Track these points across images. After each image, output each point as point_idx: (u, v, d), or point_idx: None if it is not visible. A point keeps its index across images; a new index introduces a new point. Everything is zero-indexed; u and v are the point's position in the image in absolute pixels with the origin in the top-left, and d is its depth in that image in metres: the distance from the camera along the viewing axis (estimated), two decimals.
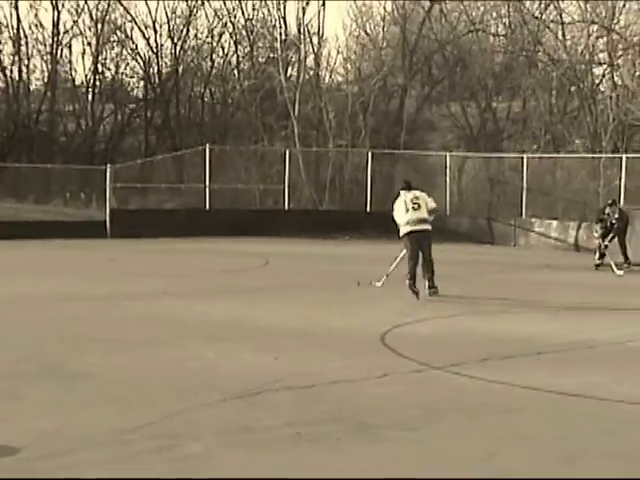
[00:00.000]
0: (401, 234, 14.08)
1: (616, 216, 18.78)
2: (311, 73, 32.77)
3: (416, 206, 13.83)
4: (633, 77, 27.60)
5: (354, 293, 14.00)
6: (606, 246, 18.82)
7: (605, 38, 29.86)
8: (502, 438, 6.25)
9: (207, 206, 26.61)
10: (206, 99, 37.43)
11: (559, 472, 5.59)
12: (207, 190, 26.62)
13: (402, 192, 14.22)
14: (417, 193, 14.15)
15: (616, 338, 10.21)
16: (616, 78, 29.32)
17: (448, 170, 28.35)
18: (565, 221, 24.87)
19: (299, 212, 27.94)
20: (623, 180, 23.99)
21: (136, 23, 36.20)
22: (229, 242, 22.83)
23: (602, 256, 18.90)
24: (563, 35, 30.46)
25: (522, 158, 26.59)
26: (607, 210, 18.93)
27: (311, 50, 32.59)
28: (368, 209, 28.20)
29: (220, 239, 23.30)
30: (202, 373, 8.02)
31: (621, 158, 24.48)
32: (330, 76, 34.03)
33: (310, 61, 32.79)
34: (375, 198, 28.64)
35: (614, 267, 18.17)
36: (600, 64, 30.82)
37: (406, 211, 13.82)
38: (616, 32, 29.51)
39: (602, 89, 30.66)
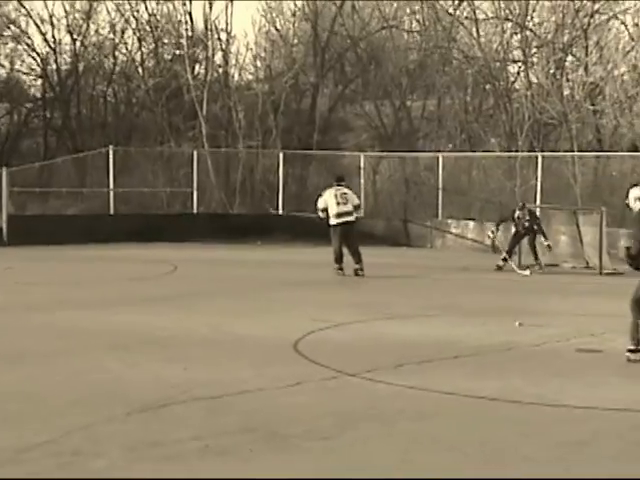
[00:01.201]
0: (331, 223, 17.33)
1: (527, 218, 19.22)
2: (219, 71, 32.61)
3: (345, 201, 17.23)
4: (547, 75, 28.13)
5: (266, 299, 14.00)
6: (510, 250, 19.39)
7: (519, 35, 30.39)
8: (418, 444, 6.32)
9: (112, 211, 26.31)
10: (109, 98, 36.93)
11: (476, 477, 5.68)
12: (111, 194, 26.32)
13: (334, 184, 17.57)
14: (345, 190, 17.59)
15: (532, 340, 10.41)
16: (531, 76, 29.85)
17: (362, 171, 28.52)
18: (482, 222, 25.24)
19: (208, 216, 27.81)
20: (539, 179, 24.46)
21: (31, 17, 35.53)
22: (135, 248, 22.60)
23: (507, 257, 19.38)
24: (477, 32, 30.88)
25: (438, 157, 26.91)
26: (517, 213, 19.34)
27: (219, 47, 32.45)
28: (280, 212, 28.23)
29: (126, 245, 23.05)
30: (106, 385, 7.94)
31: (537, 157, 24.96)
32: (239, 74, 33.92)
33: (218, 59, 32.65)
34: (287, 201, 28.68)
35: (516, 268, 18.90)
36: (515, 62, 31.34)
37: (337, 204, 17.18)
38: (530, 29, 30.07)
39: (517, 87, 31.18)
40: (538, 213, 20.71)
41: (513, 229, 19.59)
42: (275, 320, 11.81)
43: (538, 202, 22.85)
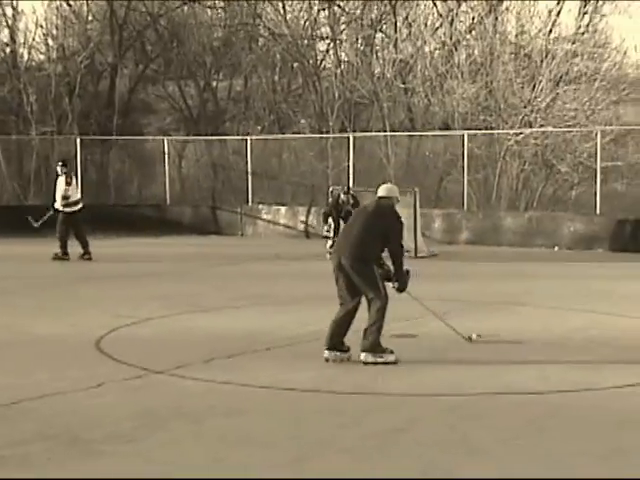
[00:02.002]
0: (60, 210, 18.72)
1: (352, 202, 19.44)
2: (6, 50, 31.64)
3: (75, 189, 19.09)
4: (357, 52, 28.68)
5: (65, 296, 13.74)
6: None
7: (327, 11, 30.81)
8: (230, 442, 6.36)
9: None
10: None
11: (289, 473, 5.76)
12: None
13: (61, 169, 19.07)
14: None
15: None
16: (340, 54, 30.34)
17: (167, 156, 28.35)
18: (294, 206, 25.55)
19: (1, 208, 27.01)
20: (352, 160, 24.93)
21: None
22: None
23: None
24: (284, 8, 31.11)
25: (246, 140, 27.02)
26: (342, 197, 19.47)
27: (4, 23, 31.44)
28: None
29: None
30: None
31: (349, 137, 25.44)
32: (29, 53, 32.95)
33: (4, 36, 31.65)
34: (87, 189, 28.08)
35: None
36: (323, 39, 31.78)
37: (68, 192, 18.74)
38: (338, 5, 30.54)
39: (327, 65, 31.61)
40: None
41: (329, 220, 19.65)
42: (75, 318, 11.59)
43: (351, 184, 23.27)
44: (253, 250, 21.17)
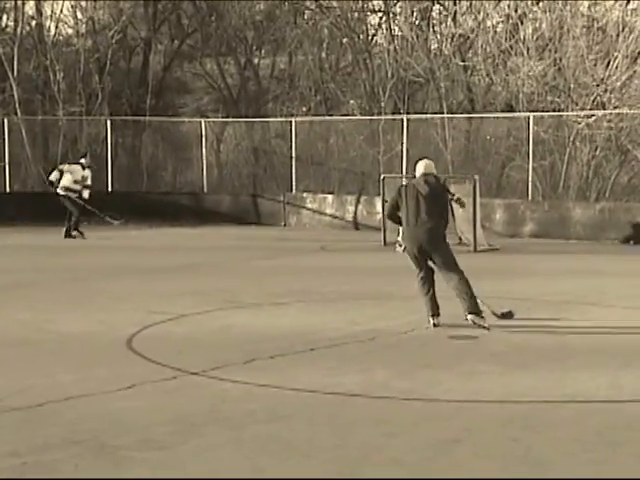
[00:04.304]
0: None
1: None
2: (32, 24, 31.93)
3: None
4: (412, 27, 28.56)
5: (94, 290, 13.85)
6: None
7: None
8: (271, 450, 6.36)
9: None
10: None
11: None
12: None
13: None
14: None
15: (397, 328, 10.60)
16: (394, 28, 30.26)
17: (204, 139, 28.45)
18: (342, 195, 25.54)
19: (25, 195, 27.33)
20: (405, 145, 24.86)
21: None
22: None
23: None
24: None
25: (290, 123, 27.05)
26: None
27: None
28: (110, 189, 27.89)
29: None
30: None
31: (402, 120, 25.36)
32: (56, 27, 33.28)
33: (30, 8, 31.98)
34: (118, 175, 28.38)
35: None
36: (375, 12, 31.72)
37: None
38: None
39: (378, 41, 31.55)
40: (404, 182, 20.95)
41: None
42: (104, 314, 11.68)
43: (404, 171, 23.22)
44: (297, 242, 21.19)
